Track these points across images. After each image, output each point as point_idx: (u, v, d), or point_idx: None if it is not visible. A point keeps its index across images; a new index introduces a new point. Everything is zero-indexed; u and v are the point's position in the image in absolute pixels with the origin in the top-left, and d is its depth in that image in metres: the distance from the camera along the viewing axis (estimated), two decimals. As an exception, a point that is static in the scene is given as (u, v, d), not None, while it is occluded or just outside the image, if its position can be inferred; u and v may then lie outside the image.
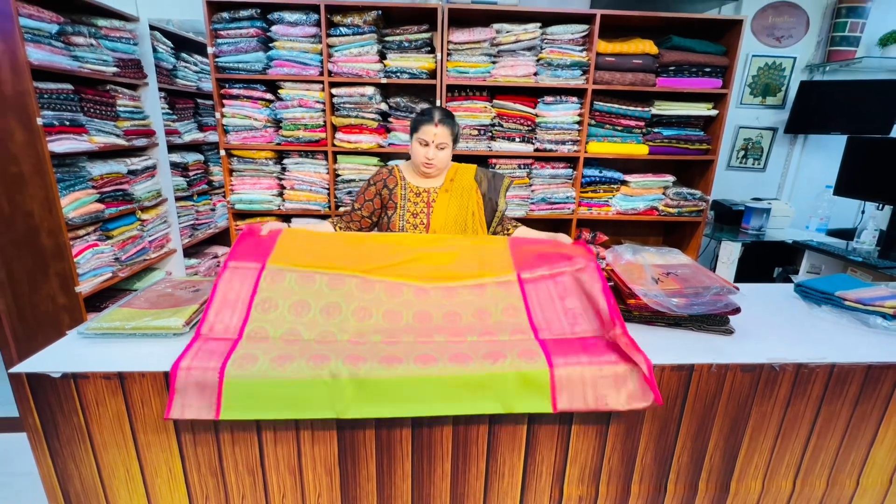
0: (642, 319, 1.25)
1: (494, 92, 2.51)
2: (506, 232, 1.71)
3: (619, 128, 2.55)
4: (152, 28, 2.55)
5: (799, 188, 3.43)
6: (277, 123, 2.50)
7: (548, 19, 2.39)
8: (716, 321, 1.22)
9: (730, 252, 2.84)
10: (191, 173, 3.01)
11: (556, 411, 0.97)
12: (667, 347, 1.13)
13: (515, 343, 1.08)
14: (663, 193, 2.68)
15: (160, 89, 2.65)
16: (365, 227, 1.74)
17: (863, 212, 3.18)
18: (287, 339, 1.08)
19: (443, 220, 1.64)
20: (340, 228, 1.71)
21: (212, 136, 3.19)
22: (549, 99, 2.47)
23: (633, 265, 1.34)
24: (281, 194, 2.58)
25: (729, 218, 3.10)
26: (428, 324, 1.14)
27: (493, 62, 2.41)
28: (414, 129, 1.62)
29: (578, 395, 0.99)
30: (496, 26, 2.35)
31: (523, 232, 1.69)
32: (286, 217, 2.68)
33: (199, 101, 3.13)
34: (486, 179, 1.71)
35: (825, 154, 3.35)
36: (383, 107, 2.45)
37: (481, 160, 2.56)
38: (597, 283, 1.16)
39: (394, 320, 1.14)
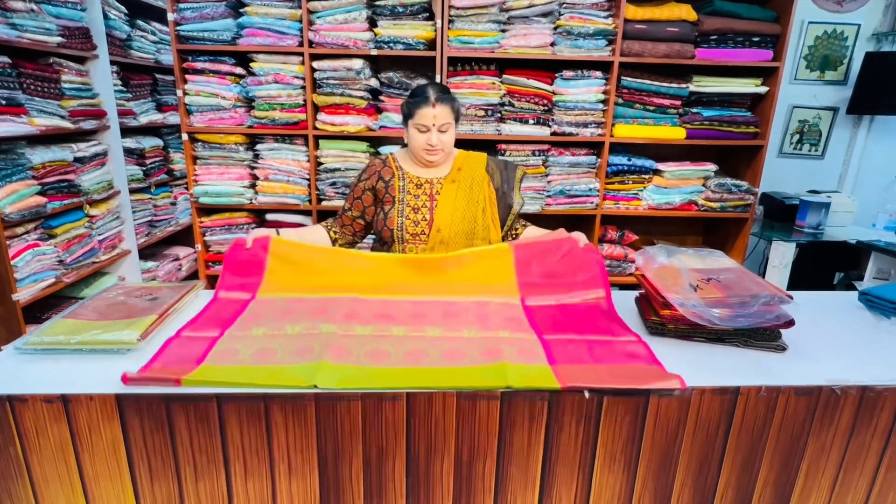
0: (678, 333, 1.25)
1: (504, 66, 2.52)
2: (514, 233, 1.76)
3: (652, 108, 2.55)
4: (103, -9, 2.57)
5: (864, 179, 3.43)
6: (249, 103, 2.51)
7: (567, -20, 2.40)
8: (765, 336, 1.22)
9: (782, 254, 2.84)
10: (148, 161, 3.02)
11: (563, 388, 1.01)
12: (707, 367, 1.13)
13: (515, 341, 1.17)
14: (703, 185, 2.68)
15: (112, 63, 2.66)
16: (358, 230, 1.76)
17: (940, 207, 3.17)
18: (270, 334, 1.19)
19: (449, 216, 1.64)
20: (335, 233, 1.74)
21: (172, 118, 3.21)
22: (568, 74, 2.47)
23: (668, 269, 1.34)
24: (253, 186, 2.59)
25: (781, 214, 3.10)
26: (422, 319, 1.28)
27: (503, 30, 2.41)
28: (408, 115, 1.62)
29: (590, 376, 1.05)
30: (506, -12, 2.36)
31: (532, 232, 1.74)
32: (259, 212, 2.69)
33: (157, 76, 3.14)
34: (499, 171, 1.72)
35: (895, 138, 3.34)
36: (373, 83, 2.46)
37: (489, 145, 2.56)
38: (612, 319, 1.30)
39: (386, 311, 1.30)
